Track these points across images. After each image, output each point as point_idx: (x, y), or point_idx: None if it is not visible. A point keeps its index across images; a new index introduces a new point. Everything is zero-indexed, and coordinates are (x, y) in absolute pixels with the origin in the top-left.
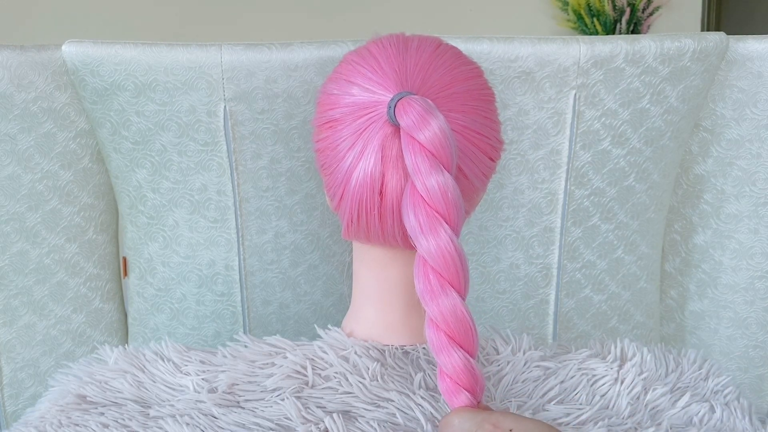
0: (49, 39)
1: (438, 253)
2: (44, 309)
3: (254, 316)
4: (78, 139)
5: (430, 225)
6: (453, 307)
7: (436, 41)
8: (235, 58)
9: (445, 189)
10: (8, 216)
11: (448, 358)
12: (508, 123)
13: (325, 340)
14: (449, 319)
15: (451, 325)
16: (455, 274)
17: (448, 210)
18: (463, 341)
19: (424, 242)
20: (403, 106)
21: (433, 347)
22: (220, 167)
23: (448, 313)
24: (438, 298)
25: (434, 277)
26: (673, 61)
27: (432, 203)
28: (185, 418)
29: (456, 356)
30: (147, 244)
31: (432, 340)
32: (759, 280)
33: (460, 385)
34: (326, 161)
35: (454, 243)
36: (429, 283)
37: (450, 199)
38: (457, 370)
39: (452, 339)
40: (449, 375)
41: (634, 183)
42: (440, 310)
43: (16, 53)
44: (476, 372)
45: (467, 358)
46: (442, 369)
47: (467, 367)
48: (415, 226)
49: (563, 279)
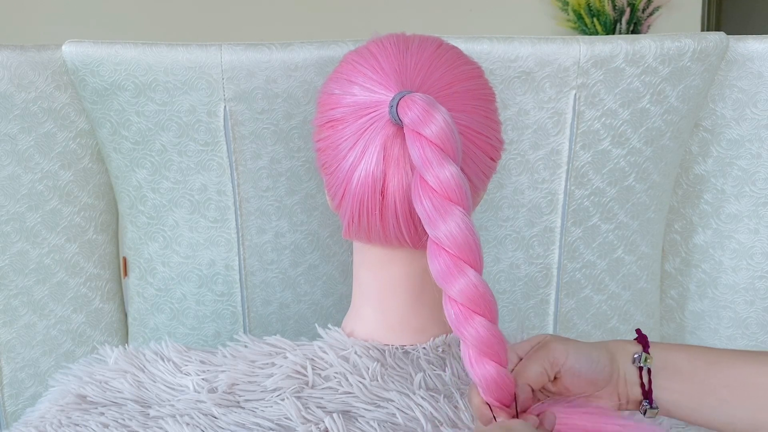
0: (49, 39)
1: (453, 234)
2: (44, 309)
3: (254, 316)
4: (78, 139)
5: (444, 211)
6: (472, 284)
7: (437, 41)
8: (235, 58)
9: (457, 178)
10: (8, 216)
11: (471, 328)
12: (508, 123)
13: (325, 340)
14: (468, 295)
15: (469, 300)
16: (470, 252)
17: (460, 197)
18: (484, 311)
19: (442, 227)
20: (405, 103)
21: (455, 321)
22: (220, 167)
23: (467, 290)
24: (456, 279)
25: (449, 258)
26: (673, 61)
27: (444, 193)
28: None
29: (478, 323)
30: (147, 244)
31: (452, 315)
32: (759, 280)
33: (484, 354)
34: (327, 161)
35: (468, 222)
36: (447, 265)
37: (462, 188)
38: (482, 336)
39: (473, 311)
40: (473, 344)
41: (634, 183)
42: (459, 288)
43: (16, 53)
44: (501, 336)
45: (490, 324)
46: (465, 341)
47: (491, 331)
48: (430, 212)
49: (563, 279)
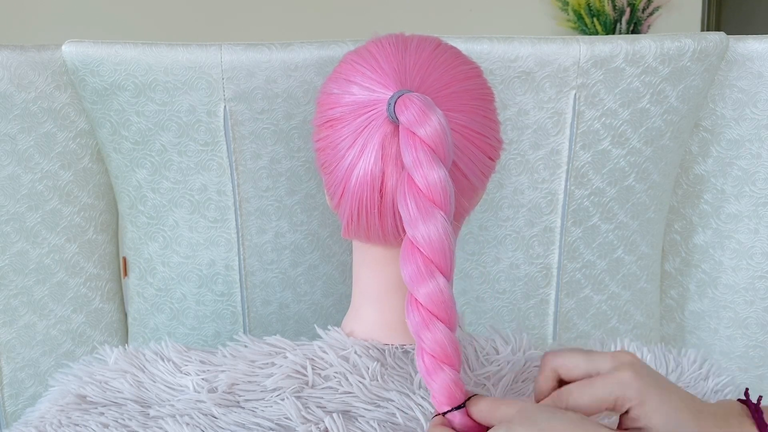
0: (49, 39)
1: (432, 239)
2: (44, 309)
3: (254, 316)
4: (78, 139)
5: (426, 213)
6: (439, 290)
7: (436, 41)
8: (235, 58)
9: (444, 182)
10: (8, 216)
11: (430, 333)
12: (508, 123)
13: (325, 340)
14: (434, 300)
15: (434, 305)
16: (443, 260)
17: (444, 201)
18: (445, 317)
19: (421, 228)
20: (403, 102)
21: (415, 326)
22: (220, 167)
23: (433, 295)
24: (425, 282)
25: (423, 262)
26: (673, 61)
27: (430, 195)
28: (185, 418)
29: (438, 329)
30: (147, 244)
31: (413, 319)
32: (759, 280)
33: (439, 361)
34: (326, 160)
35: (447, 231)
36: (418, 267)
37: (447, 192)
38: (440, 342)
39: (434, 315)
40: (430, 351)
41: (634, 183)
42: (426, 291)
43: (16, 53)
44: (457, 345)
45: (448, 331)
46: (422, 347)
47: (449, 338)
48: (412, 212)
49: (563, 279)
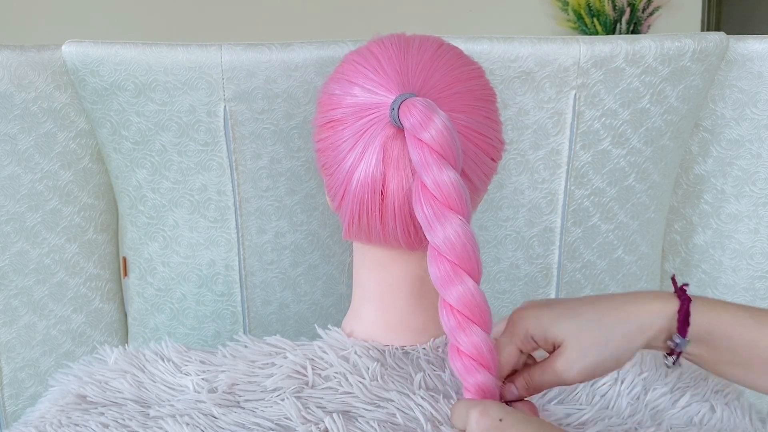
0: (49, 39)
1: (452, 241)
2: (44, 309)
3: (254, 316)
4: (78, 139)
5: (442, 217)
6: (470, 293)
7: (438, 41)
8: (235, 58)
9: (456, 184)
10: (8, 216)
11: (467, 337)
12: (508, 123)
13: (325, 340)
14: (466, 303)
15: (467, 308)
16: (468, 261)
17: (460, 203)
18: (479, 320)
19: (439, 232)
20: (407, 107)
21: (451, 329)
22: (220, 167)
23: (464, 298)
24: (455, 285)
25: (448, 265)
26: (673, 61)
27: (442, 198)
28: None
29: (474, 333)
30: (147, 244)
31: (448, 323)
32: (759, 280)
33: (478, 363)
34: (327, 161)
35: (466, 230)
36: (445, 271)
37: (461, 194)
38: (477, 345)
39: (469, 319)
40: (468, 353)
41: (634, 183)
42: (457, 295)
43: (16, 53)
44: (493, 348)
45: (484, 334)
46: (458, 349)
47: (485, 342)
48: (429, 217)
49: (563, 279)
